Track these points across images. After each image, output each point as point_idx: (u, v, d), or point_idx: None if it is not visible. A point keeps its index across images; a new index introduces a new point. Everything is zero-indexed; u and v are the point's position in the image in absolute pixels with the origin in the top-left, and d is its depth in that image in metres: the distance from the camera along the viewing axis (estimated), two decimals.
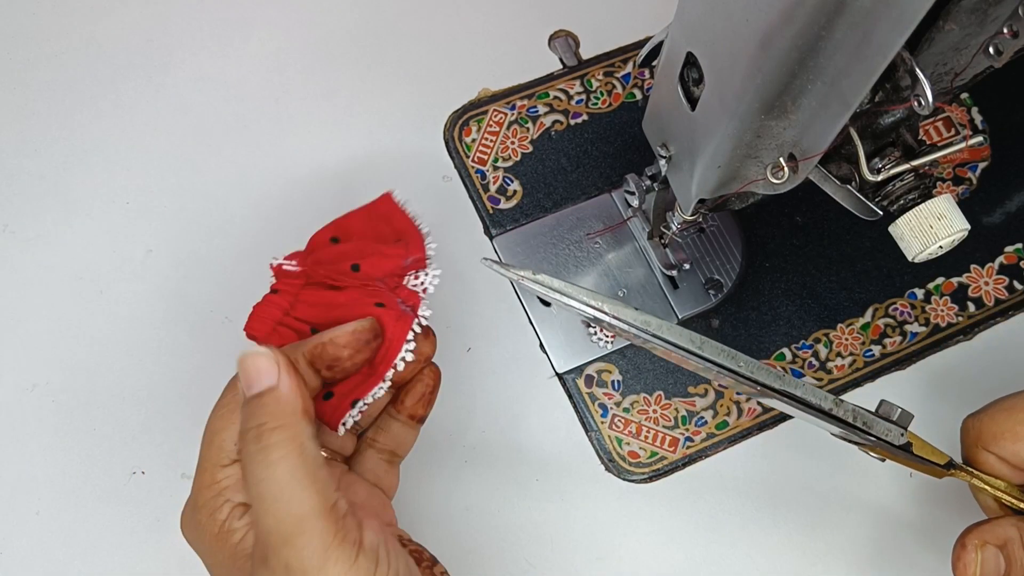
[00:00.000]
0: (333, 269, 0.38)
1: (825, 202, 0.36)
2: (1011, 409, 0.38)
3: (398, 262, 0.38)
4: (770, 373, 0.34)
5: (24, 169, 0.53)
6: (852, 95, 0.28)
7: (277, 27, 0.57)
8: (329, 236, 0.40)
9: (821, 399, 0.34)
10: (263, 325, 0.37)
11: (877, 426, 0.35)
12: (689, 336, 0.34)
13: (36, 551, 0.47)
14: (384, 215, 0.40)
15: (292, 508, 0.28)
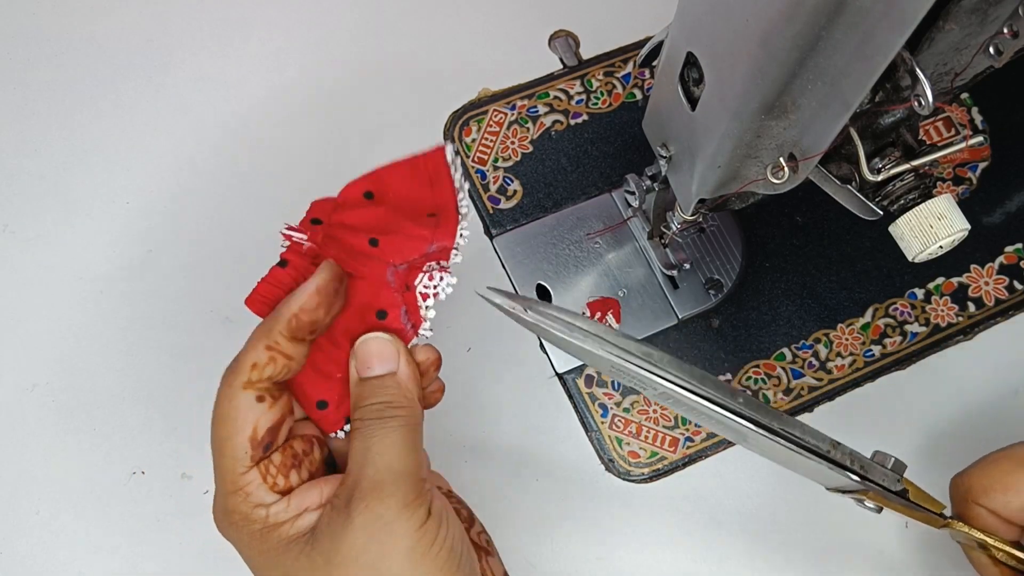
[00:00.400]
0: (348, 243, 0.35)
1: (825, 202, 0.36)
2: (997, 462, 0.39)
3: (421, 247, 0.35)
4: (767, 412, 0.33)
5: (24, 169, 0.53)
6: (852, 95, 0.28)
7: (277, 27, 0.57)
8: (363, 191, 0.36)
9: (820, 440, 0.34)
10: (265, 305, 0.35)
11: (874, 471, 0.35)
12: (690, 370, 0.33)
13: (36, 551, 0.47)
14: (430, 175, 0.37)
15: (394, 464, 0.31)
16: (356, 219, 0.35)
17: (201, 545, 0.48)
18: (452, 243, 0.36)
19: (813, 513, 0.49)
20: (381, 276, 0.35)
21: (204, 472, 0.49)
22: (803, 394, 0.50)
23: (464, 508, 0.38)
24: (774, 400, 0.50)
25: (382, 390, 0.33)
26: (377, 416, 0.32)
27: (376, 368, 0.33)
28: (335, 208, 0.36)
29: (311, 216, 0.36)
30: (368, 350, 0.34)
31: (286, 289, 0.35)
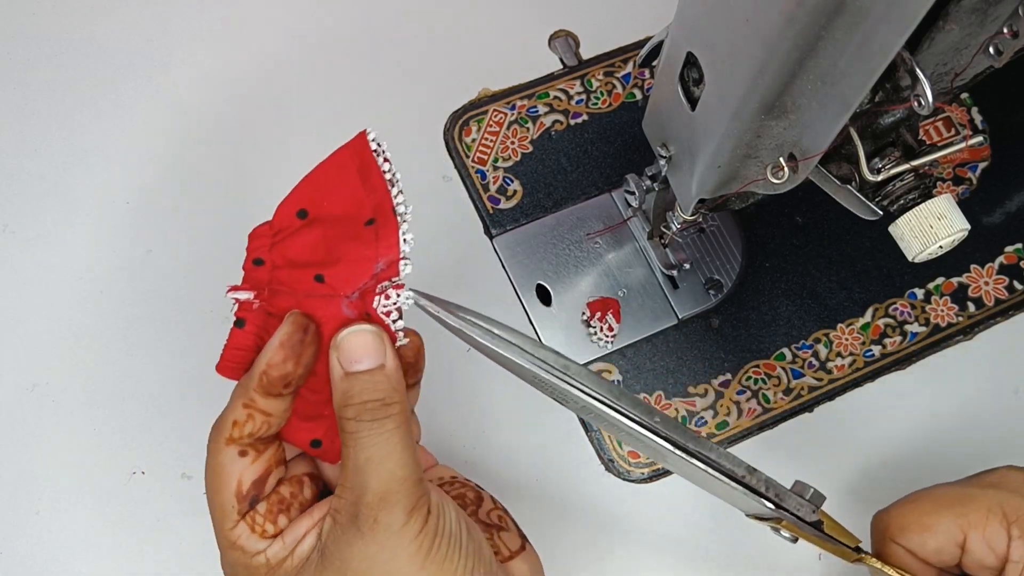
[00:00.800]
0: (296, 285, 0.33)
1: (825, 202, 0.36)
2: (916, 501, 0.39)
3: (368, 269, 0.33)
4: (685, 433, 0.33)
5: (24, 169, 0.53)
6: (852, 95, 0.28)
7: (277, 27, 0.57)
8: (296, 209, 0.35)
9: (735, 465, 0.34)
10: (236, 370, 0.34)
11: (789, 500, 0.35)
12: (608, 387, 0.33)
13: (36, 551, 0.47)
14: (358, 167, 0.35)
15: (397, 471, 0.31)
16: (296, 251, 0.34)
17: (201, 545, 0.48)
18: (398, 255, 0.33)
19: None
20: (338, 313, 0.33)
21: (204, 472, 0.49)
22: (803, 394, 0.50)
23: (471, 490, 0.38)
24: (774, 400, 0.50)
25: (373, 386, 0.32)
26: (372, 418, 0.32)
27: (364, 362, 0.32)
28: (272, 238, 0.34)
29: (251, 257, 0.34)
30: (353, 344, 0.32)
31: (251, 349, 0.34)
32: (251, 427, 0.33)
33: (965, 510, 0.38)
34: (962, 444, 0.51)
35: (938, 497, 0.39)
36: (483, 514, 0.37)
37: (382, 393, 0.32)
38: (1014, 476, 0.39)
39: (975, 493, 0.38)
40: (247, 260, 0.34)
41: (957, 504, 0.38)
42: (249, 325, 0.34)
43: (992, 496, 0.38)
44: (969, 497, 0.38)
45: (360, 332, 0.32)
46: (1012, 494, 0.38)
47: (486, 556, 0.34)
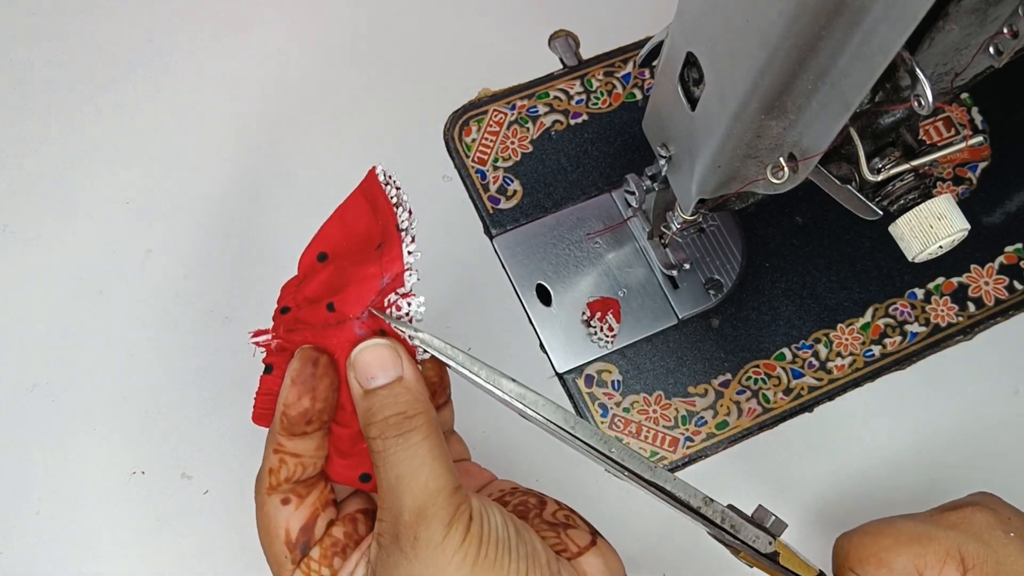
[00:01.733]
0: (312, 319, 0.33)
1: (825, 202, 0.36)
2: (877, 534, 0.39)
3: (373, 285, 0.33)
4: (641, 462, 0.33)
5: (24, 169, 0.53)
6: (852, 95, 0.28)
7: (277, 27, 0.57)
8: (316, 253, 0.35)
9: (691, 496, 0.34)
10: (271, 416, 0.34)
11: (745, 531, 0.35)
12: (563, 415, 0.33)
13: (36, 551, 0.47)
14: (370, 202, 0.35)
15: (430, 483, 0.30)
16: (312, 290, 0.34)
17: (201, 545, 0.48)
18: (401, 266, 0.33)
19: (816, 512, 0.49)
20: (352, 337, 0.33)
21: (204, 472, 0.49)
22: (803, 394, 0.50)
23: (533, 496, 0.37)
24: (774, 400, 0.50)
25: (393, 400, 0.31)
26: (396, 433, 0.31)
27: (380, 377, 0.32)
28: (299, 285, 0.35)
29: (281, 305, 0.35)
30: (366, 360, 0.32)
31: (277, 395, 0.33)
32: (286, 472, 0.33)
33: (923, 550, 0.37)
34: (962, 444, 0.51)
35: (899, 532, 0.39)
36: (548, 515, 0.36)
37: (403, 406, 0.31)
38: (979, 517, 0.39)
39: (936, 533, 0.38)
40: (276, 311, 0.35)
41: (916, 543, 0.38)
42: (277, 370, 0.33)
43: (952, 539, 0.38)
44: (928, 537, 0.38)
45: (372, 347, 0.32)
46: (972, 538, 0.38)
47: (541, 556, 0.33)
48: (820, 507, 0.50)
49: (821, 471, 0.50)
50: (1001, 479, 0.51)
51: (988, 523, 0.38)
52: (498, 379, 0.33)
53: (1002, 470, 0.51)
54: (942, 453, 0.51)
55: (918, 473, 0.50)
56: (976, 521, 0.39)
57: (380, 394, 0.32)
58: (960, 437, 0.51)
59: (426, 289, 0.35)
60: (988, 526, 0.38)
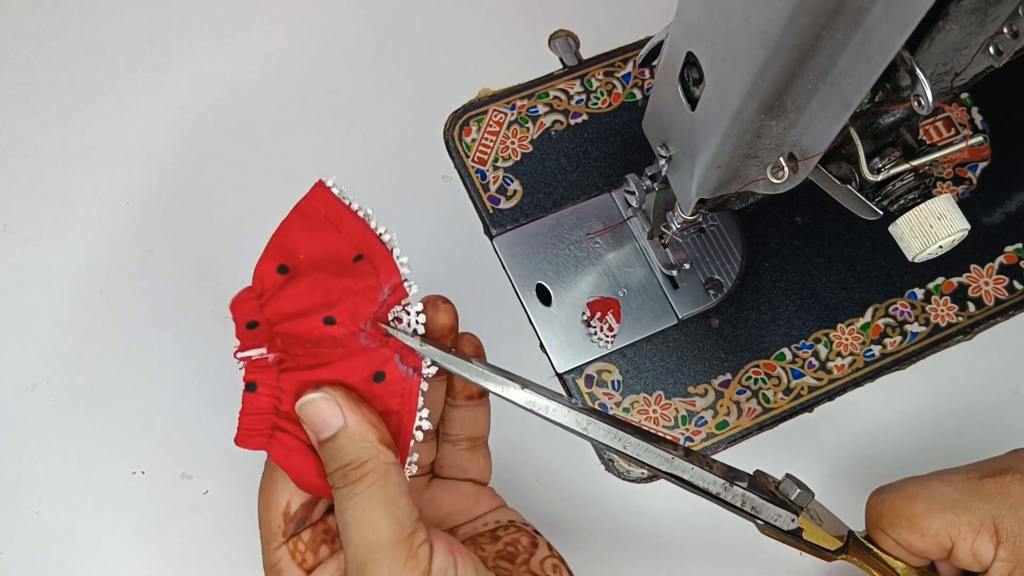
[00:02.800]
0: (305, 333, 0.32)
1: (825, 202, 0.36)
2: (912, 498, 0.39)
3: (375, 296, 0.32)
4: (658, 455, 0.33)
5: (24, 169, 0.53)
6: (852, 95, 0.28)
7: (277, 27, 0.57)
8: (274, 267, 0.34)
9: (709, 483, 0.34)
10: (257, 437, 0.33)
11: (766, 511, 0.35)
12: (575, 417, 0.33)
13: (36, 551, 0.47)
14: (326, 216, 0.34)
15: (368, 536, 0.30)
16: (289, 304, 0.33)
17: (201, 545, 0.48)
18: (400, 278, 0.33)
19: None
20: (357, 346, 0.32)
21: (204, 472, 0.49)
22: (803, 394, 0.50)
23: (526, 535, 0.37)
24: (774, 400, 0.50)
25: (338, 453, 0.31)
26: (343, 483, 0.31)
27: (323, 431, 0.31)
28: (259, 299, 0.34)
29: (242, 322, 0.33)
30: (307, 415, 0.32)
31: (267, 411, 0.33)
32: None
33: (957, 519, 0.37)
34: (962, 444, 0.51)
35: (933, 499, 0.39)
36: (535, 564, 0.36)
37: (348, 456, 0.31)
38: (1017, 489, 0.38)
39: (971, 503, 0.38)
40: (238, 327, 0.33)
41: (950, 511, 0.38)
42: (262, 387, 0.33)
43: (987, 510, 0.37)
44: (964, 506, 0.38)
45: (308, 402, 0.32)
46: (1008, 511, 0.37)
47: None
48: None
49: (821, 471, 0.50)
50: None
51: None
52: (508, 388, 0.33)
53: None
54: (942, 453, 0.51)
55: (918, 473, 0.50)
56: (1014, 493, 0.38)
57: (327, 447, 0.31)
58: (960, 437, 0.51)
59: (426, 289, 0.35)
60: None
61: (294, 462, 0.33)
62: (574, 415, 0.33)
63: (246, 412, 0.33)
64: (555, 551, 0.37)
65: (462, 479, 0.39)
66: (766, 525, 0.36)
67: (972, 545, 0.37)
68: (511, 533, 0.37)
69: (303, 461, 0.33)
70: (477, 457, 0.39)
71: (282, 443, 0.33)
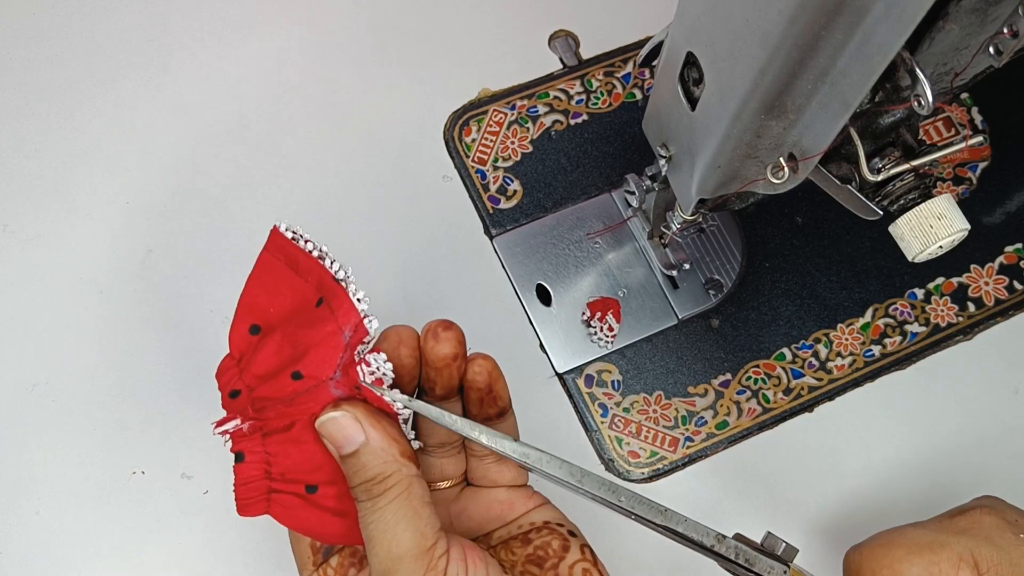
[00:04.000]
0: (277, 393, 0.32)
1: (825, 202, 0.36)
2: (889, 545, 0.39)
3: (337, 342, 0.32)
4: (651, 508, 0.34)
5: (24, 169, 0.53)
6: (852, 95, 0.28)
7: (277, 26, 0.57)
8: (247, 328, 0.34)
9: (703, 535, 0.34)
10: (256, 504, 0.33)
11: (759, 563, 0.35)
12: (569, 470, 0.34)
13: (36, 551, 0.47)
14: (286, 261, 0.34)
15: (392, 548, 0.31)
16: (261, 366, 0.33)
17: (201, 545, 0.48)
18: (358, 316, 0.32)
19: (818, 513, 0.49)
20: (328, 397, 0.32)
21: (204, 472, 0.49)
22: (803, 394, 0.50)
23: (558, 538, 0.37)
24: (774, 400, 0.50)
25: (361, 469, 0.32)
26: (367, 497, 0.32)
27: (345, 446, 0.32)
28: (238, 365, 0.34)
29: (227, 391, 0.34)
30: (328, 432, 0.32)
31: (260, 477, 0.33)
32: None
33: (936, 557, 0.37)
34: (962, 444, 0.51)
35: (910, 542, 0.39)
36: (564, 568, 0.36)
37: (371, 471, 0.32)
38: (987, 520, 0.39)
39: (947, 540, 0.38)
40: (223, 397, 0.34)
41: (928, 551, 0.38)
42: (249, 455, 0.33)
43: (964, 544, 0.38)
44: (940, 544, 0.38)
45: (329, 420, 0.32)
46: (984, 542, 0.38)
47: None
48: (820, 507, 0.50)
49: (821, 471, 0.50)
50: (1001, 479, 0.51)
51: (997, 525, 0.38)
52: (500, 440, 0.34)
53: (1002, 470, 0.51)
54: (942, 453, 0.51)
55: (918, 473, 0.50)
56: (985, 524, 0.39)
57: (349, 462, 0.32)
58: (960, 437, 0.51)
59: (426, 289, 0.35)
60: (998, 528, 0.38)
61: (299, 519, 0.33)
62: (567, 468, 0.34)
63: (239, 483, 0.33)
64: (589, 553, 0.37)
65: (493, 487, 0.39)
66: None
67: None
68: (543, 536, 0.37)
69: (307, 516, 0.33)
70: (505, 467, 0.39)
71: (282, 504, 0.33)
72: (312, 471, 0.33)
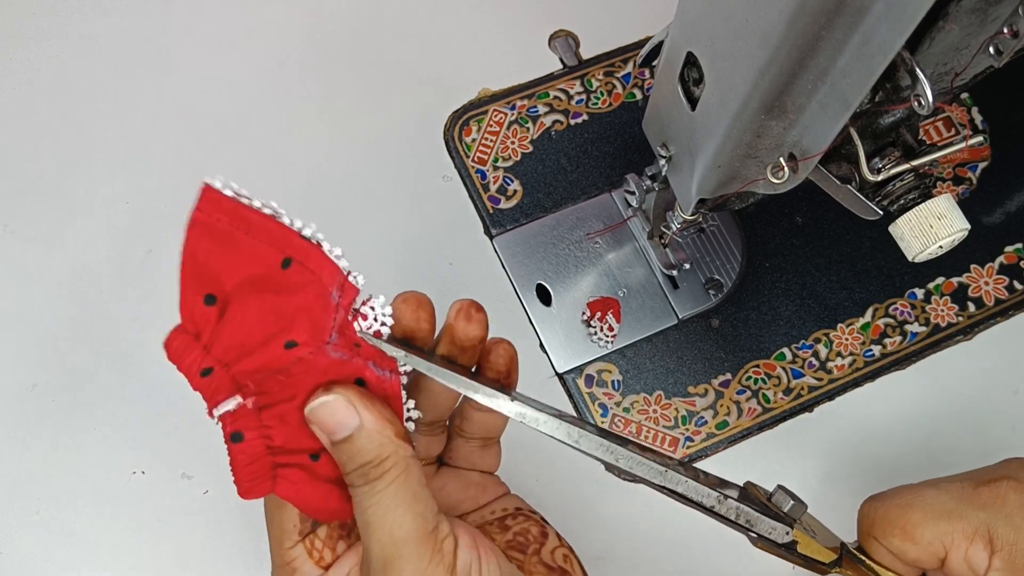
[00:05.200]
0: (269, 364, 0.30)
1: (825, 202, 0.36)
2: (906, 506, 0.38)
3: (326, 303, 0.30)
4: (650, 468, 0.33)
5: (24, 169, 0.53)
6: (852, 95, 0.28)
7: (277, 27, 0.57)
8: (199, 298, 0.31)
9: (703, 496, 0.34)
10: (261, 483, 0.31)
11: (760, 524, 0.35)
12: (567, 429, 0.33)
13: (36, 551, 0.47)
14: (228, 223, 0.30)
15: (394, 532, 0.29)
16: (238, 337, 0.30)
17: (201, 545, 0.48)
18: (342, 275, 0.30)
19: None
20: (328, 362, 0.30)
21: (204, 472, 0.49)
22: (803, 394, 0.50)
23: (535, 524, 0.36)
24: (774, 400, 0.50)
25: (356, 453, 0.30)
26: (364, 481, 0.30)
27: (339, 431, 0.30)
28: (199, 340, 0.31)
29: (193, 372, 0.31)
30: (320, 418, 0.30)
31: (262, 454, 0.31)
32: None
33: (951, 528, 0.37)
34: (962, 444, 0.51)
35: (928, 507, 0.38)
36: (547, 553, 0.35)
37: (367, 455, 0.30)
38: (1012, 498, 0.38)
39: (965, 512, 0.37)
40: (191, 378, 0.31)
41: (944, 520, 0.37)
42: (248, 433, 0.31)
43: (982, 519, 0.37)
44: (958, 515, 0.37)
45: (320, 405, 0.30)
46: (1003, 519, 0.37)
47: None
48: (820, 507, 0.50)
49: (821, 471, 0.50)
50: None
51: (1021, 504, 0.38)
52: (496, 400, 0.32)
53: None
54: (942, 453, 0.51)
55: (918, 473, 0.50)
56: (1009, 501, 0.38)
57: (343, 448, 0.31)
58: (960, 437, 0.51)
59: (425, 290, 0.35)
60: (1021, 507, 0.38)
61: (304, 494, 0.32)
62: (565, 427, 0.33)
63: (242, 463, 0.31)
64: (564, 541, 0.36)
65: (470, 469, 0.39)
66: (760, 538, 0.35)
67: (966, 554, 0.37)
68: (520, 523, 0.36)
69: (313, 491, 0.32)
70: (488, 453, 0.39)
71: (288, 479, 0.32)
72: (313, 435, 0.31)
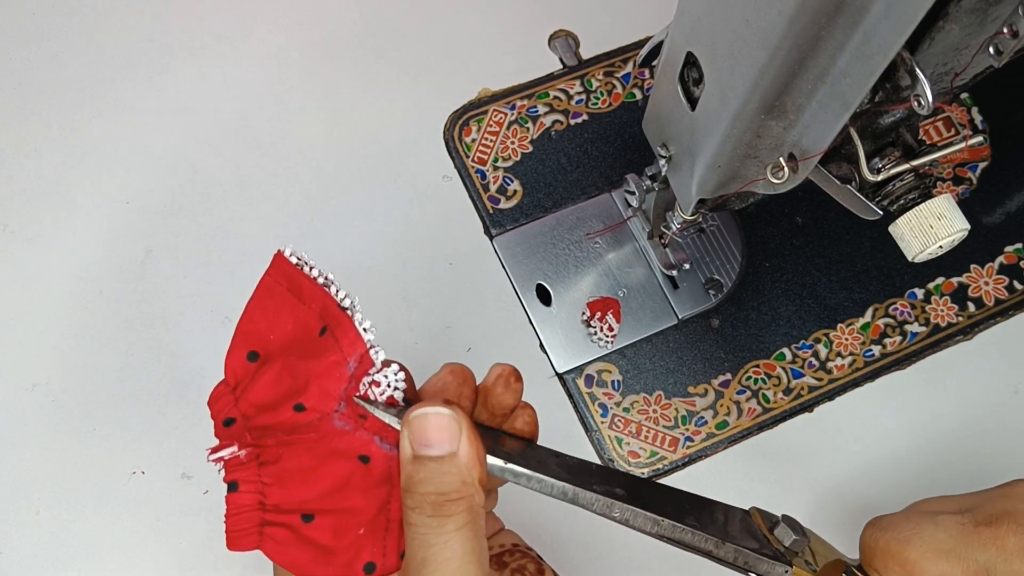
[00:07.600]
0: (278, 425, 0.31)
1: (825, 202, 0.36)
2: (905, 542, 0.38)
3: (341, 373, 0.30)
4: (646, 519, 0.33)
5: (24, 169, 0.53)
6: (852, 95, 0.28)
7: (277, 27, 0.57)
8: (244, 354, 0.32)
9: (700, 542, 0.34)
10: (248, 536, 0.31)
11: (760, 565, 0.35)
12: (562, 488, 0.32)
13: (36, 551, 0.47)
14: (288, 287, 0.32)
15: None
16: (260, 395, 0.31)
17: (201, 545, 0.48)
18: (364, 346, 0.30)
19: (813, 515, 0.49)
20: (332, 431, 0.30)
21: (204, 472, 0.49)
22: (803, 394, 0.50)
23: (532, 561, 0.36)
24: (774, 400, 0.50)
25: (440, 477, 0.29)
26: (433, 512, 0.28)
27: (434, 447, 0.29)
28: (233, 392, 0.32)
29: (220, 419, 0.32)
30: (424, 425, 0.29)
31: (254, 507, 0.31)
32: None
33: (951, 569, 0.37)
34: (962, 444, 0.51)
35: (928, 545, 0.38)
36: None
37: (447, 486, 0.29)
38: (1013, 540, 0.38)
39: (966, 553, 0.38)
40: (216, 425, 0.32)
41: (944, 560, 0.37)
42: (243, 485, 0.31)
43: (981, 561, 0.37)
44: (958, 556, 0.38)
45: (435, 414, 0.29)
46: (1003, 563, 0.37)
47: None
48: (820, 507, 0.50)
49: (821, 471, 0.50)
50: (1001, 479, 0.51)
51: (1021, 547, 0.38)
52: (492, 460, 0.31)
53: (1002, 470, 0.51)
54: (942, 453, 0.51)
55: (918, 473, 0.50)
56: (1009, 544, 0.38)
57: (428, 466, 0.29)
58: (960, 437, 0.51)
59: (426, 289, 0.35)
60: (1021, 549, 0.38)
61: (290, 555, 0.31)
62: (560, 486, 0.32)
63: (232, 514, 0.31)
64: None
65: None
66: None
67: None
68: (517, 559, 0.36)
69: (299, 553, 0.31)
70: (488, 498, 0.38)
71: (274, 538, 0.31)
72: (312, 499, 0.31)
